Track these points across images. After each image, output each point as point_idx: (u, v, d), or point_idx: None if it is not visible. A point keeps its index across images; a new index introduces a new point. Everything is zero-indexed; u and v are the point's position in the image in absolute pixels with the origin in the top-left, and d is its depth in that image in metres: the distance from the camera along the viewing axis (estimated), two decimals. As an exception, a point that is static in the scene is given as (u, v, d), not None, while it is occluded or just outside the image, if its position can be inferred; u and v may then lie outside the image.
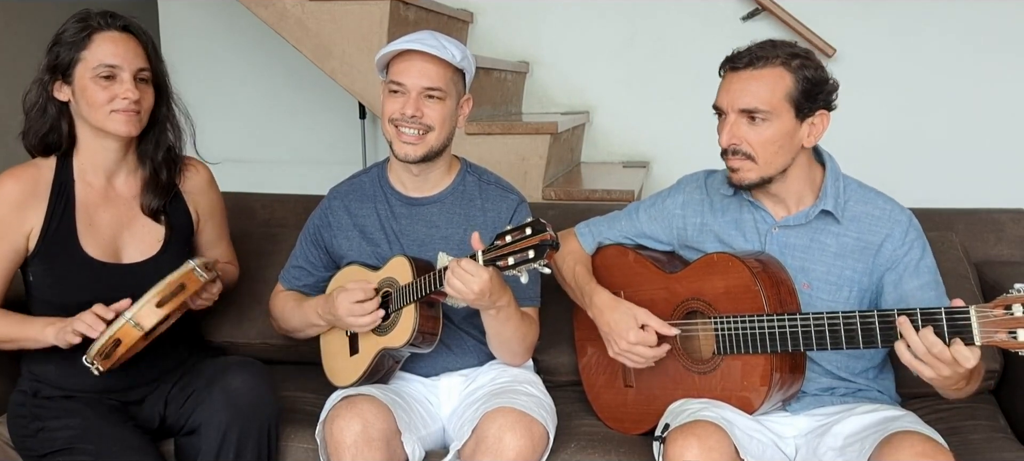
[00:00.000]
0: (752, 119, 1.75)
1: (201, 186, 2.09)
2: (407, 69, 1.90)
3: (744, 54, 1.77)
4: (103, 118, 1.86)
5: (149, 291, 1.80)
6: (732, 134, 1.77)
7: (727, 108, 1.78)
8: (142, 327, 1.77)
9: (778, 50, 1.76)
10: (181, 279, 1.82)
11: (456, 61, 1.92)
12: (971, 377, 1.62)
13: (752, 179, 1.79)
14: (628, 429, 1.96)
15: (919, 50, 3.52)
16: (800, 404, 1.83)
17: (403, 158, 1.93)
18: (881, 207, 1.83)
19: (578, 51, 3.77)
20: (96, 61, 1.84)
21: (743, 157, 1.77)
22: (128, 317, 1.76)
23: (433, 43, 1.89)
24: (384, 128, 1.96)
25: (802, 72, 1.75)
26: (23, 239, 1.90)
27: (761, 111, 1.74)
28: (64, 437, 1.86)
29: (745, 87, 1.75)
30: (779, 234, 1.85)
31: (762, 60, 1.75)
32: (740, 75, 1.76)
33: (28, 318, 1.90)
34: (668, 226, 1.99)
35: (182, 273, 1.83)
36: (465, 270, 1.71)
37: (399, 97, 1.91)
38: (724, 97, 1.79)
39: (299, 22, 2.90)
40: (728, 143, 1.78)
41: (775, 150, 1.77)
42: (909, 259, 1.79)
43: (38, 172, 1.92)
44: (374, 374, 1.94)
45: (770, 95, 1.74)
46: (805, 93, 1.75)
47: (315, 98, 4.06)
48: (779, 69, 1.74)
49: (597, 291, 1.93)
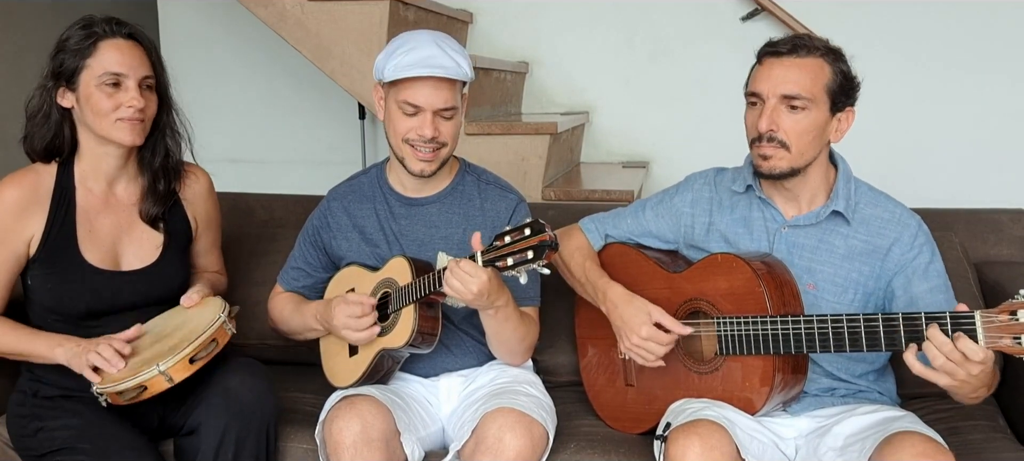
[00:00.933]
0: (793, 107, 1.75)
1: (201, 194, 2.09)
2: (422, 91, 1.87)
3: (787, 41, 1.77)
4: (108, 126, 1.86)
5: (179, 339, 1.78)
6: (771, 120, 1.76)
7: (768, 94, 1.76)
8: (173, 381, 1.75)
9: (816, 42, 1.77)
10: (214, 335, 1.81)
11: (467, 77, 1.91)
12: (989, 379, 1.60)
13: (783, 168, 1.78)
14: (628, 429, 1.96)
15: (919, 50, 3.52)
16: (800, 405, 1.83)
17: (419, 174, 1.93)
18: (891, 211, 1.84)
19: (578, 51, 3.76)
20: (102, 69, 1.84)
21: (778, 145, 1.76)
22: (161, 369, 1.74)
23: (448, 63, 1.86)
24: (396, 145, 1.94)
25: (838, 66, 1.77)
26: (24, 245, 1.90)
27: (802, 98, 1.74)
28: (63, 437, 1.85)
29: (787, 74, 1.75)
30: (788, 233, 1.85)
31: (804, 49, 1.75)
32: (783, 61, 1.76)
33: (36, 333, 1.89)
34: (675, 225, 1.99)
35: (215, 329, 1.82)
36: (464, 271, 1.71)
37: (413, 118, 1.90)
38: (764, 83, 1.77)
39: (299, 22, 2.90)
40: (767, 128, 1.76)
41: (809, 140, 1.77)
42: (918, 263, 1.79)
43: (38, 178, 1.92)
44: (373, 375, 1.94)
45: (812, 83, 1.74)
46: (840, 87, 1.77)
47: (315, 98, 4.06)
48: (820, 60, 1.76)
49: (611, 285, 1.91)
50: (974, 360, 1.50)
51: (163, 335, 1.87)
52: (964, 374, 1.52)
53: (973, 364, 1.51)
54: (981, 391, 1.62)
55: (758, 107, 1.79)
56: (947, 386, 1.57)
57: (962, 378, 1.53)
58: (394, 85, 1.91)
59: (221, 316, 1.84)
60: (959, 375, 1.52)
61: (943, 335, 1.52)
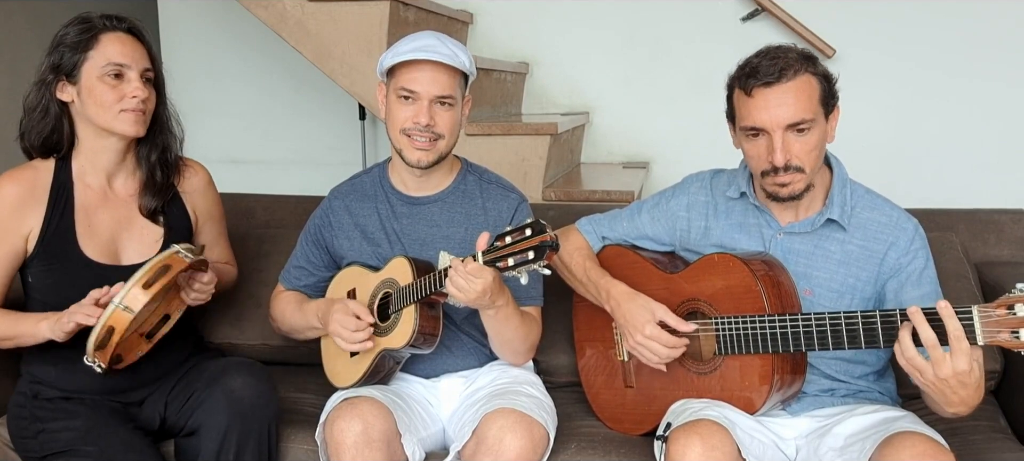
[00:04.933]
0: (800, 131, 1.72)
1: (200, 187, 2.09)
2: (419, 77, 1.89)
3: (769, 68, 1.71)
4: (111, 118, 1.86)
5: (134, 275, 1.78)
6: (787, 151, 1.72)
7: (772, 127, 1.72)
8: (132, 310, 1.75)
9: (791, 56, 1.73)
10: (165, 261, 1.81)
11: (465, 67, 1.92)
12: (971, 389, 1.57)
13: (802, 189, 1.76)
14: (628, 430, 1.96)
15: (919, 50, 3.52)
16: (800, 405, 1.83)
17: (415, 164, 1.93)
18: (888, 214, 1.83)
19: (578, 51, 3.76)
20: (104, 60, 1.84)
21: (795, 171, 1.74)
22: (116, 302, 1.75)
23: (445, 51, 1.88)
24: (394, 136, 1.95)
25: (819, 72, 1.75)
26: (22, 241, 1.90)
27: (807, 120, 1.71)
28: (64, 439, 1.86)
29: (785, 100, 1.71)
30: (783, 240, 1.85)
31: (790, 69, 1.71)
32: (775, 90, 1.71)
33: (22, 315, 1.90)
34: (671, 227, 1.99)
35: (166, 255, 1.82)
36: (467, 271, 1.71)
37: (410, 105, 1.91)
38: (764, 115, 1.72)
39: (299, 23, 2.90)
40: (785, 161, 1.72)
41: (817, 154, 1.76)
42: (912, 268, 1.79)
43: (36, 174, 1.92)
44: (374, 375, 1.94)
45: (809, 102, 1.72)
46: (827, 92, 1.75)
47: (315, 99, 4.07)
48: (805, 75, 1.73)
49: (613, 283, 1.91)
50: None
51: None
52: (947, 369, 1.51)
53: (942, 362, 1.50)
54: (959, 399, 1.58)
55: (762, 139, 1.75)
56: (930, 383, 1.55)
57: (943, 375, 1.52)
58: (393, 76, 1.93)
59: (175, 246, 1.84)
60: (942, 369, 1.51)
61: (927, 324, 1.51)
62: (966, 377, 1.52)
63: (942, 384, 1.54)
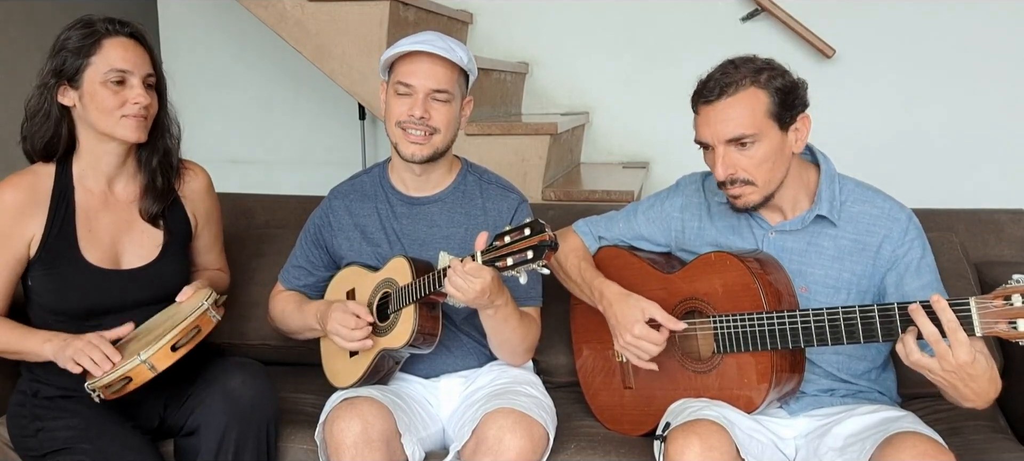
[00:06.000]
0: (742, 145, 1.74)
1: (200, 191, 2.09)
2: (415, 70, 1.90)
3: (712, 85, 1.75)
4: (113, 123, 1.86)
5: (163, 330, 1.77)
6: (726, 165, 1.75)
7: (713, 141, 1.76)
8: (156, 369, 1.75)
9: (742, 70, 1.74)
10: (197, 322, 1.81)
11: (463, 63, 1.92)
12: (982, 381, 1.57)
13: (756, 201, 1.78)
14: (627, 430, 1.96)
15: (918, 50, 3.52)
16: (800, 405, 1.83)
17: (409, 158, 1.93)
18: (879, 206, 1.82)
19: (578, 51, 3.77)
20: (107, 66, 1.84)
21: (742, 184, 1.76)
22: (143, 358, 1.74)
23: (442, 45, 1.89)
24: (390, 130, 1.96)
25: (772, 84, 1.73)
26: (24, 247, 1.90)
27: (748, 135, 1.73)
28: (64, 437, 1.86)
29: (724, 116, 1.73)
30: (776, 238, 1.85)
31: (732, 85, 1.73)
32: (715, 107, 1.74)
33: (28, 331, 1.89)
34: (666, 228, 1.99)
35: (197, 316, 1.81)
36: (467, 271, 1.71)
37: (406, 98, 1.91)
38: (706, 131, 1.77)
39: (299, 23, 2.90)
40: (725, 175, 1.76)
41: (770, 167, 1.76)
42: (909, 259, 1.79)
43: (37, 179, 1.92)
44: (374, 375, 1.94)
45: (751, 117, 1.72)
46: (782, 104, 1.74)
47: (315, 99, 4.07)
48: (751, 89, 1.73)
49: (606, 284, 1.91)
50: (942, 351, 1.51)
51: (152, 328, 1.88)
52: (952, 361, 1.52)
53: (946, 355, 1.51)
54: (972, 392, 1.59)
55: (710, 153, 1.79)
56: (940, 378, 1.56)
57: (949, 367, 1.53)
58: (392, 72, 1.94)
59: (204, 304, 1.84)
60: (949, 361, 1.52)
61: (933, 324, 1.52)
62: (971, 368, 1.53)
63: (952, 377, 1.55)
